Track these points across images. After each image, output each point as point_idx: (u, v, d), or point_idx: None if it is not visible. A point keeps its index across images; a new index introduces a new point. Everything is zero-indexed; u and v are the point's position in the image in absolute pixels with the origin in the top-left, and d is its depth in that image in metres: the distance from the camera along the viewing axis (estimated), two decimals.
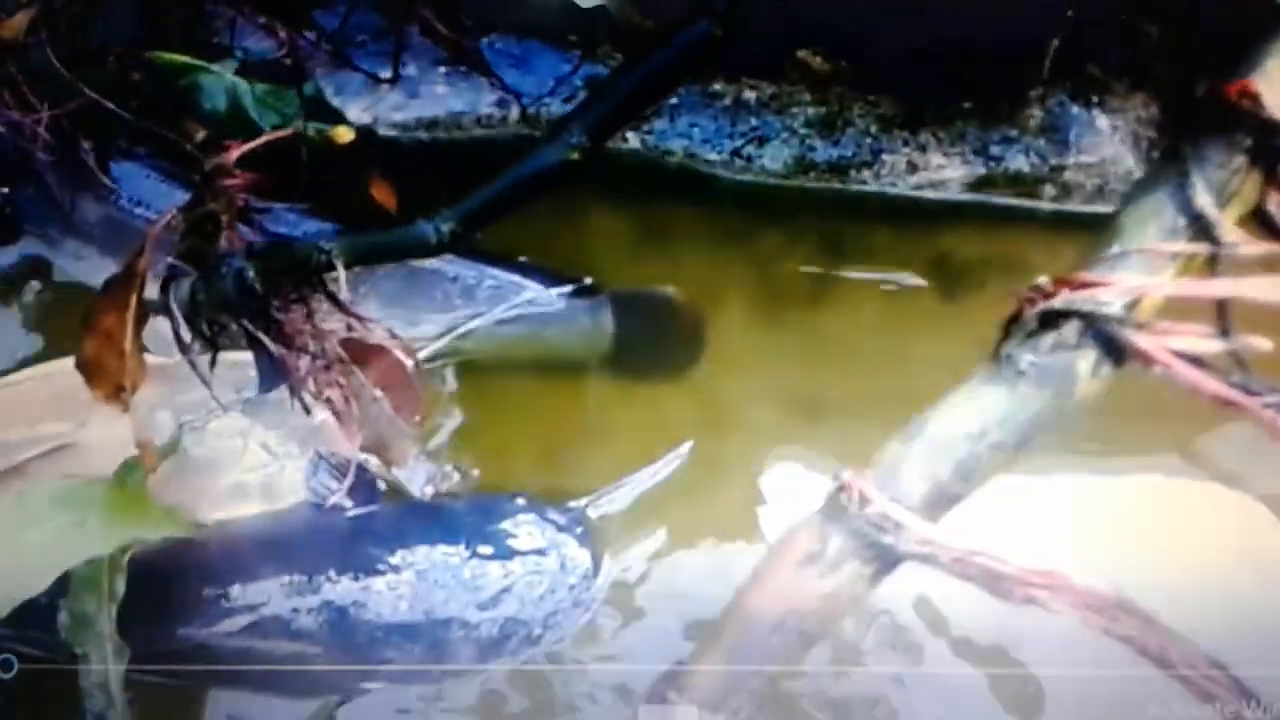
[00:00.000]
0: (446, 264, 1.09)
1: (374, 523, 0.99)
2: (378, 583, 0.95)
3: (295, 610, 0.94)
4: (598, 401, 1.07)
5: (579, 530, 0.98)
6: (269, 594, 0.95)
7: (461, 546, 0.97)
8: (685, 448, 1.02)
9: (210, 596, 0.95)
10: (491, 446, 1.04)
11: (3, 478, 1.00)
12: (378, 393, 0.96)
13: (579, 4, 1.00)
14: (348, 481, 1.00)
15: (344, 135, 1.09)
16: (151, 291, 0.92)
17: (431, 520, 0.99)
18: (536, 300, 1.09)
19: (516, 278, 1.10)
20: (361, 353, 0.97)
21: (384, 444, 0.96)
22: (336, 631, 0.94)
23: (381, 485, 1.03)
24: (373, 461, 1.04)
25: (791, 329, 1.07)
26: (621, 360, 1.08)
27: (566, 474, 1.03)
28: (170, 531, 0.91)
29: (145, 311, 0.94)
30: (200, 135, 1.15)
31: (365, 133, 1.10)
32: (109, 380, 0.92)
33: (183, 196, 1.07)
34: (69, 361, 1.05)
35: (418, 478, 0.98)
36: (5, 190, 1.17)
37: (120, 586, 0.89)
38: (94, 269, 1.13)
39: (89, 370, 0.91)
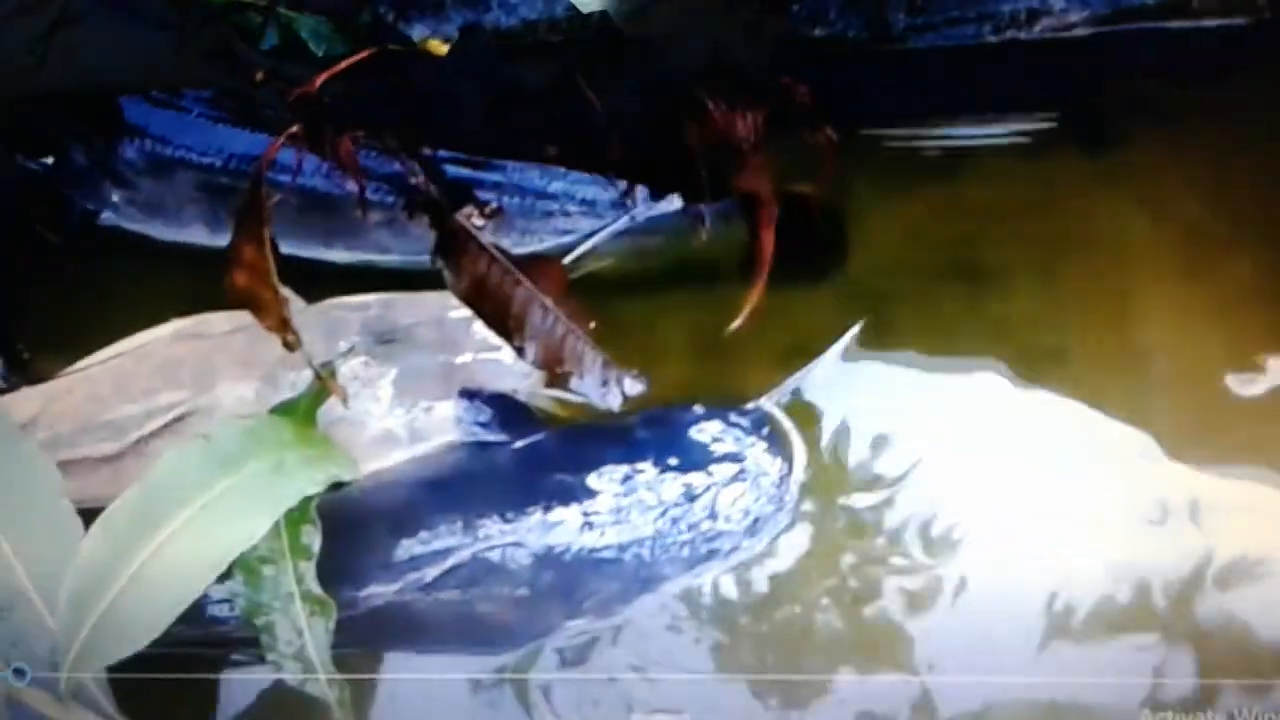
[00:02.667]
0: (572, 182, 0.99)
1: (546, 451, 0.89)
2: (569, 512, 0.85)
3: (487, 553, 0.84)
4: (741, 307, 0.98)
5: (765, 430, 0.89)
6: (455, 540, 0.84)
7: (649, 462, 0.87)
8: (855, 329, 0.93)
9: (390, 550, 0.84)
10: (644, 358, 0.94)
11: (127, 455, 0.88)
12: (548, 300, 0.86)
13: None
14: (493, 415, 0.91)
15: (438, 48, 0.98)
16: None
17: (609, 440, 0.88)
18: (673, 209, 0.99)
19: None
20: (522, 266, 0.87)
21: (561, 355, 0.86)
22: (534, 569, 0.84)
23: (536, 412, 0.93)
24: (522, 390, 0.94)
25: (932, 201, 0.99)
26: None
27: (727, 380, 0.94)
28: (355, 474, 0.81)
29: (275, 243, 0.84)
30: (260, 75, 1.04)
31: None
32: (272, 312, 0.80)
33: (235, 135, 0.99)
34: (166, 329, 0.94)
35: (602, 387, 0.87)
36: (49, 161, 1.03)
37: (313, 539, 0.78)
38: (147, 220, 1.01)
39: (247, 302, 0.80)
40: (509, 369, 0.93)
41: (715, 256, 0.98)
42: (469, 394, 0.92)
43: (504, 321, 0.86)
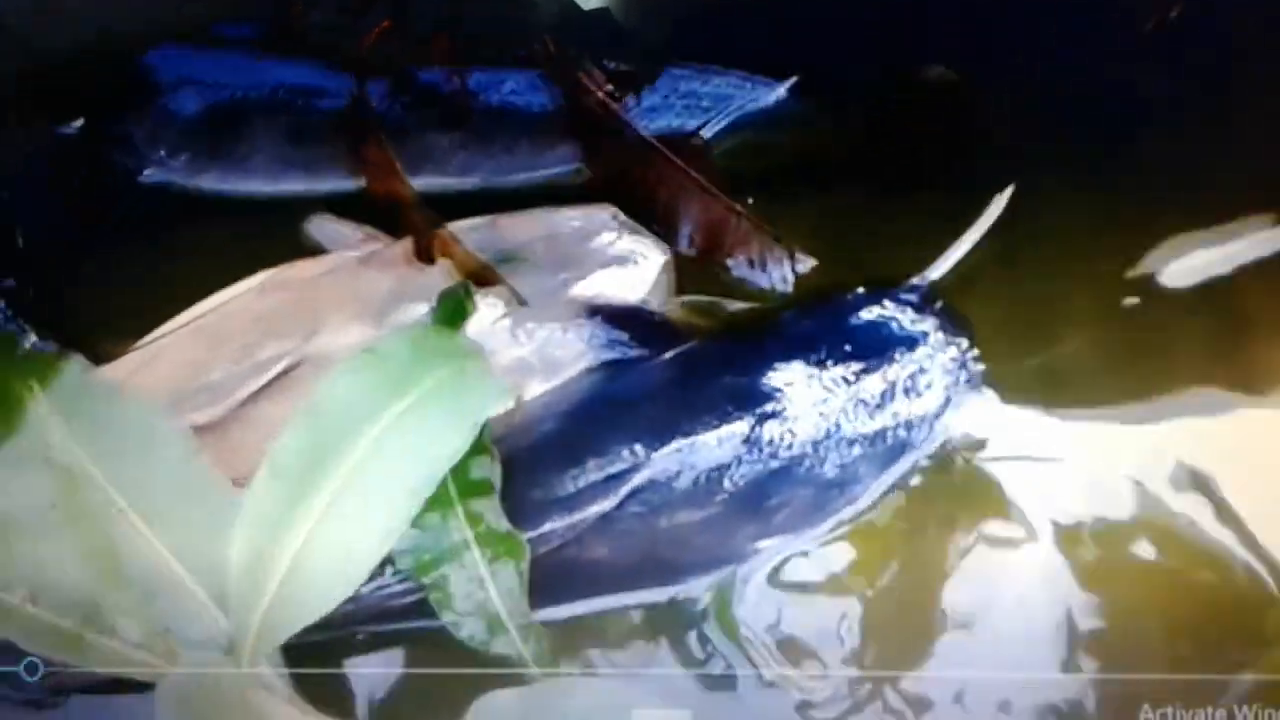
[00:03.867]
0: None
1: (704, 359, 0.78)
2: (746, 419, 0.75)
3: (665, 474, 0.73)
4: (856, 200, 0.87)
5: (937, 305, 0.79)
6: (629, 462, 0.73)
7: (821, 354, 0.77)
8: (1005, 195, 0.83)
9: (557, 484, 0.73)
10: None
11: (231, 420, 0.76)
12: (703, 179, 0.75)
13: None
14: (629, 330, 0.80)
15: None
16: None
17: (770, 338, 0.78)
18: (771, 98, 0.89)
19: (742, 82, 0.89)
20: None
21: (723, 237, 0.75)
22: (716, 485, 0.73)
23: (675, 322, 0.82)
24: (654, 301, 0.83)
25: None
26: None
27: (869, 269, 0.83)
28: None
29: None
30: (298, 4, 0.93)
31: None
32: (409, 201, 0.69)
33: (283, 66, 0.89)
34: (250, 282, 0.83)
35: (770, 268, 0.77)
36: (79, 123, 0.90)
37: (489, 470, 0.67)
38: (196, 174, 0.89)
39: (389, 201, 0.69)
40: (635, 280, 0.83)
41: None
42: (598, 311, 0.82)
43: (652, 207, 0.75)
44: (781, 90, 0.89)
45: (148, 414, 0.68)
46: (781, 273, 0.77)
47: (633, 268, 0.83)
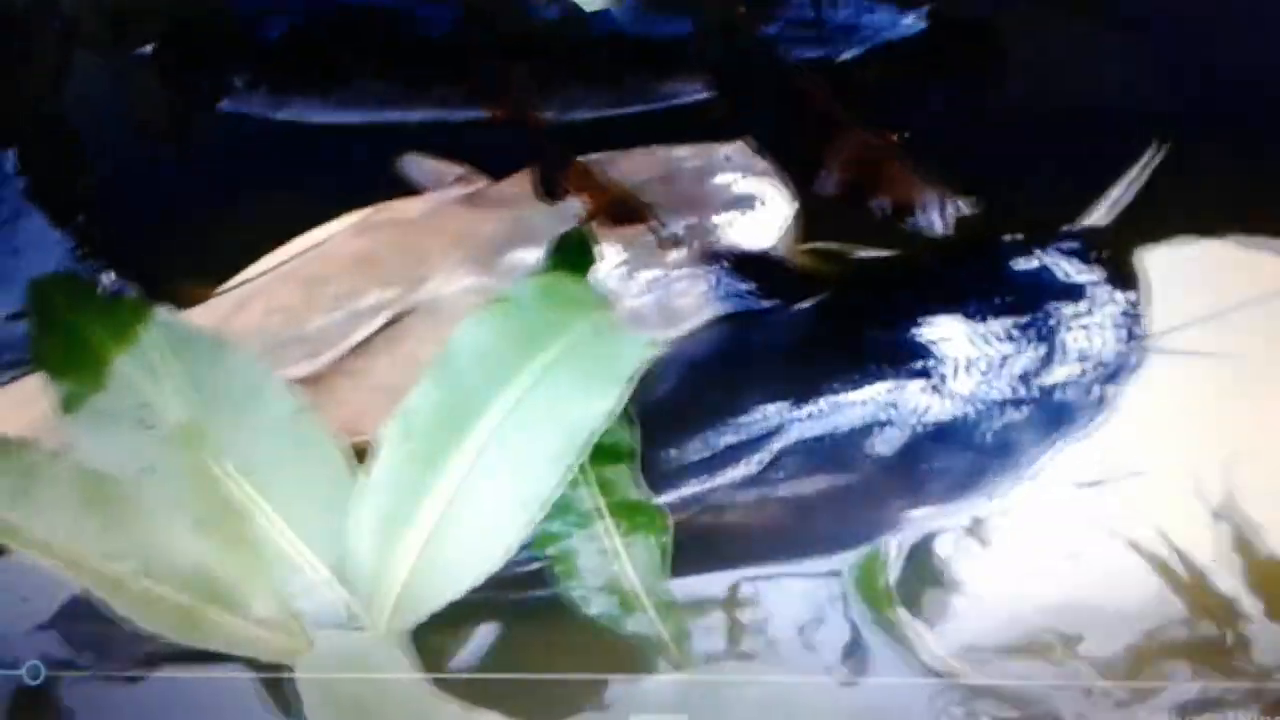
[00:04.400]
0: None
1: (844, 310, 0.71)
2: (888, 383, 0.68)
3: (810, 435, 0.66)
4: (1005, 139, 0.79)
5: (1103, 253, 0.72)
6: (772, 421, 0.66)
7: (976, 306, 0.69)
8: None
9: (691, 447, 0.66)
10: None
11: (330, 375, 0.69)
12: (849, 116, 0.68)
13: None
14: (755, 279, 0.73)
15: None
16: None
17: (917, 286, 0.71)
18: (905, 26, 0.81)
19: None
20: None
21: (878, 178, 0.68)
22: (864, 448, 0.66)
23: (804, 270, 0.75)
24: (781, 246, 0.76)
25: None
26: None
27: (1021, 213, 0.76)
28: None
29: None
30: None
31: None
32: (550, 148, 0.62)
33: None
34: (345, 222, 0.76)
35: (930, 211, 0.70)
36: (149, 48, 0.83)
37: (622, 435, 0.61)
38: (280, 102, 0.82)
39: (516, 126, 0.62)
40: (759, 224, 0.76)
41: None
42: (721, 258, 0.74)
43: (789, 142, 0.68)
44: (914, 19, 0.81)
45: (251, 365, 0.61)
46: (939, 216, 0.69)
47: (757, 211, 0.76)
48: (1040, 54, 0.80)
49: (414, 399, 0.58)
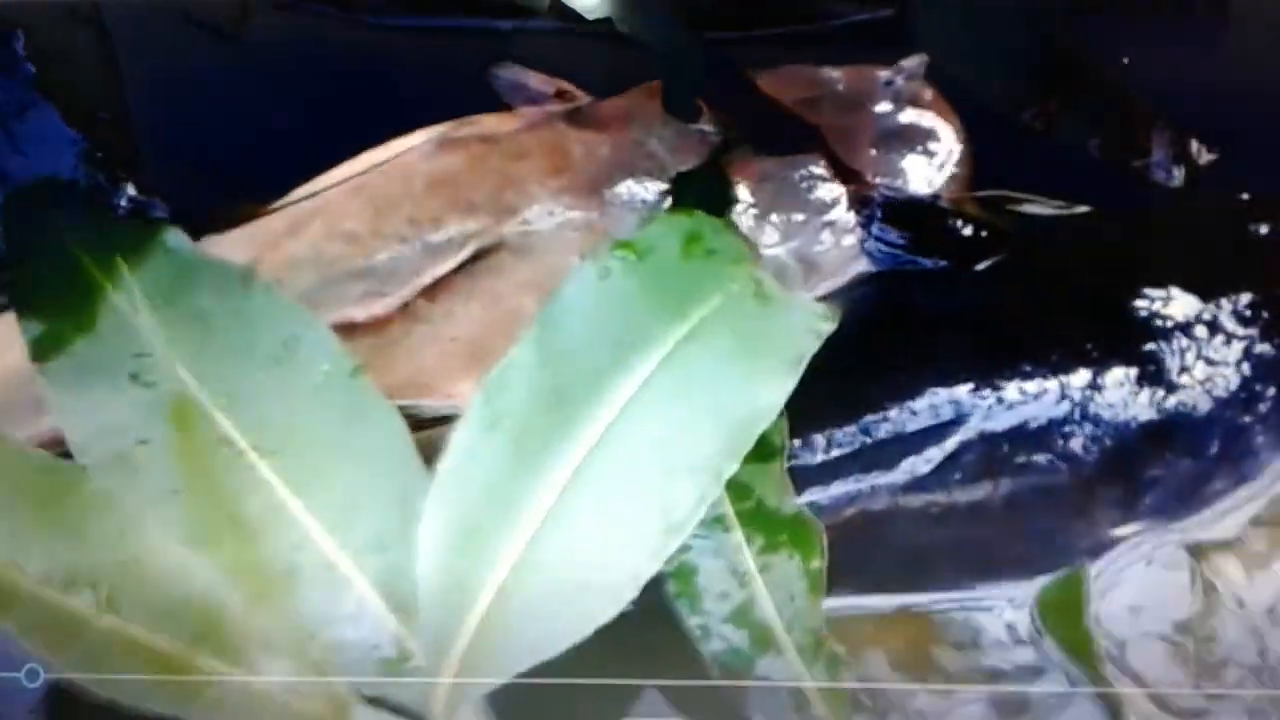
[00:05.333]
0: None
1: (1035, 277, 0.56)
2: (1095, 369, 0.53)
3: (993, 432, 0.52)
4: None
5: None
6: (950, 411, 0.52)
7: (1206, 278, 0.55)
8: None
9: (845, 436, 0.52)
10: None
11: (400, 319, 0.56)
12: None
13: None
14: (917, 230, 0.58)
15: None
16: None
17: (1136, 245, 0.56)
18: None
19: None
20: None
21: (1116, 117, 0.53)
22: (1066, 448, 0.52)
23: (976, 222, 0.60)
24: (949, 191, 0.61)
25: None
26: None
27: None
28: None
29: None
30: None
31: None
32: None
33: None
34: (422, 135, 0.62)
35: (1163, 158, 0.55)
36: None
37: (777, 427, 0.46)
38: None
39: None
40: (923, 165, 0.61)
41: None
42: (875, 202, 0.60)
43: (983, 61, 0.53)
44: None
45: (287, 311, 0.47)
46: (1172, 162, 0.54)
47: (922, 148, 0.62)
48: None
49: (506, 370, 0.44)
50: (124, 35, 0.67)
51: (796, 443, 0.50)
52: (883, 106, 0.63)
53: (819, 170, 0.60)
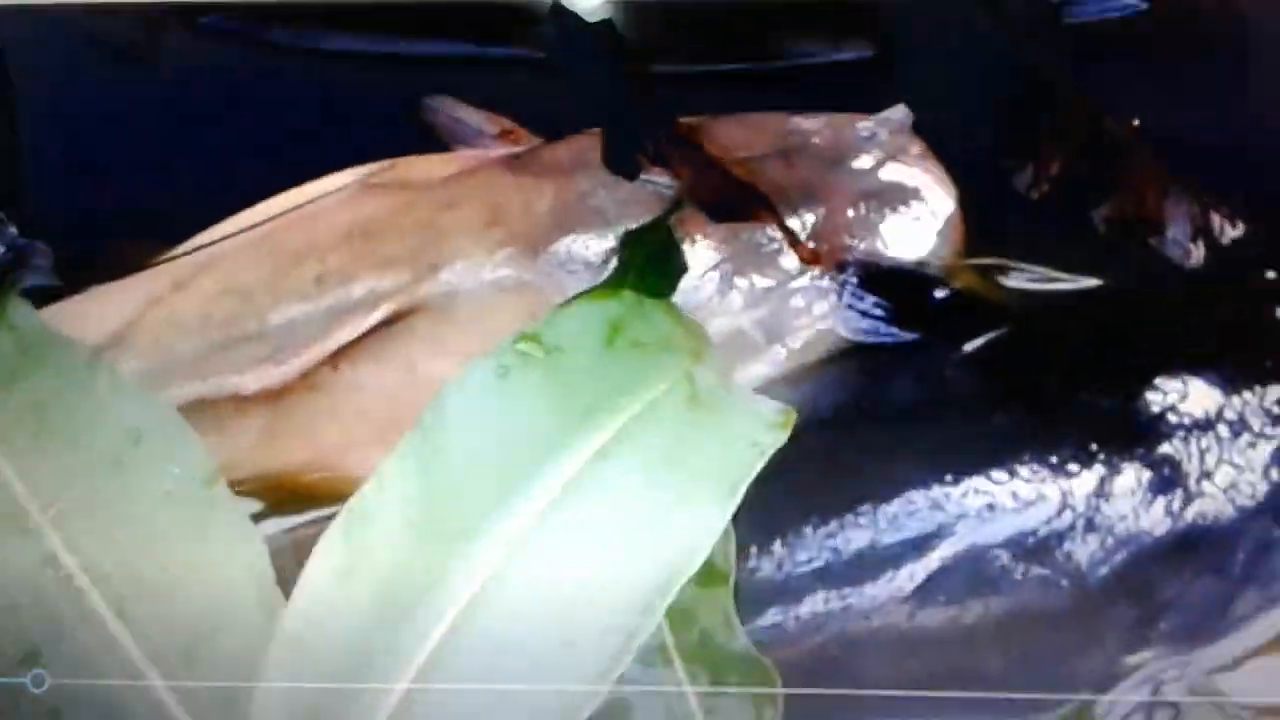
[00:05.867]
0: None
1: (1032, 359, 0.49)
2: (1103, 471, 0.46)
3: (982, 545, 0.44)
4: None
5: None
6: (926, 524, 0.44)
7: (1232, 371, 0.47)
8: None
9: (810, 543, 0.44)
10: None
11: (301, 389, 0.48)
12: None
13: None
14: (899, 299, 0.51)
15: None
16: None
17: (1150, 328, 0.49)
18: None
19: None
20: None
21: (1129, 186, 0.46)
22: (1064, 566, 0.45)
23: (967, 293, 0.53)
24: (941, 255, 0.54)
25: None
26: None
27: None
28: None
29: None
30: None
31: None
32: None
33: None
34: (341, 179, 0.54)
35: (1183, 233, 0.48)
36: None
37: (723, 548, 0.38)
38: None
39: None
40: (908, 227, 0.54)
41: None
42: (853, 267, 0.53)
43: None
44: None
45: (134, 400, 0.39)
46: (1190, 239, 0.47)
47: (907, 209, 0.54)
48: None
49: (371, 496, 0.36)
50: (17, 57, 0.60)
51: (753, 551, 0.43)
52: (863, 161, 0.56)
53: (793, 232, 0.53)
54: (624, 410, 0.38)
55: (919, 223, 0.54)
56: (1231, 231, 0.47)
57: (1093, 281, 0.52)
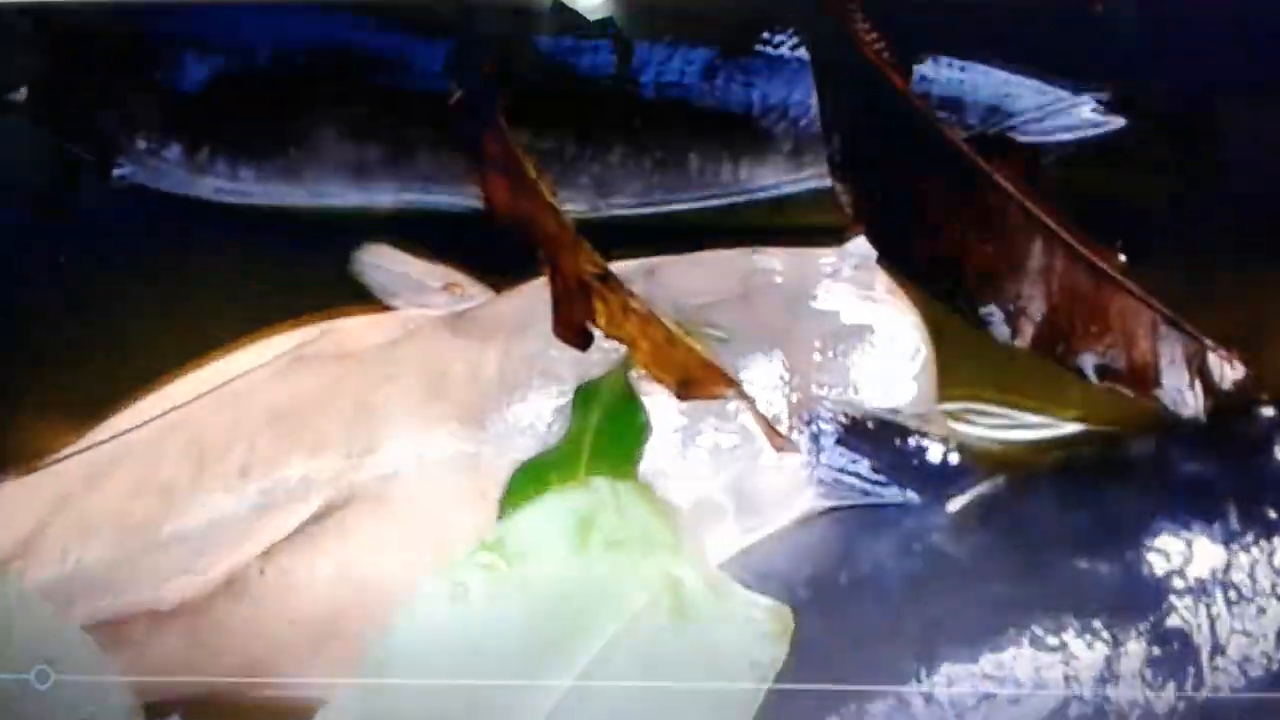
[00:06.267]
0: None
1: (1022, 516, 0.45)
2: (1110, 636, 0.42)
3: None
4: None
5: None
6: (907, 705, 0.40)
7: (1232, 516, 0.44)
8: None
9: None
10: None
11: (224, 599, 0.43)
12: (1052, 223, 0.43)
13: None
14: (886, 455, 0.48)
15: None
16: None
17: (1146, 478, 0.46)
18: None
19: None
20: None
21: (1106, 325, 0.43)
22: None
23: (952, 445, 0.49)
24: (915, 403, 0.50)
25: None
26: None
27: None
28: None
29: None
30: None
31: None
32: (569, 260, 0.38)
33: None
34: (272, 347, 0.51)
35: (1182, 380, 0.44)
36: (19, 95, 0.58)
37: None
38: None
39: (520, 225, 0.37)
40: (881, 372, 0.51)
41: None
42: (825, 420, 0.49)
43: (963, 266, 0.43)
44: (1089, 104, 0.56)
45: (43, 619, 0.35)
46: (1194, 393, 0.44)
47: (875, 350, 0.51)
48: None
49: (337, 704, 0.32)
50: None
51: None
52: (827, 300, 0.52)
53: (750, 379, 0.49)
54: (602, 630, 0.34)
55: (889, 366, 0.51)
56: (1231, 373, 0.43)
57: (1079, 426, 0.48)
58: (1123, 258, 0.44)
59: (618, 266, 0.49)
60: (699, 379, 0.42)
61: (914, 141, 0.43)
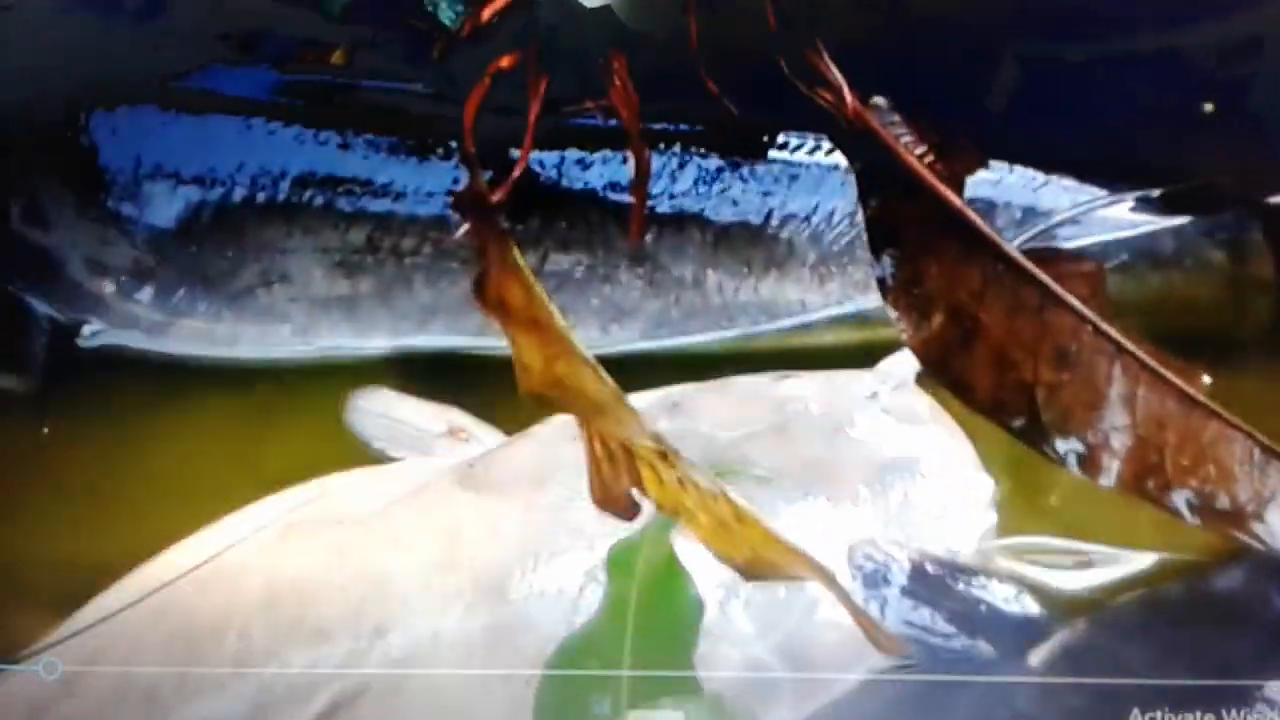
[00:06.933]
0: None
1: (1103, 660, 0.41)
2: None
3: None
4: None
5: None
6: None
7: None
8: None
9: None
10: None
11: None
12: (1132, 344, 0.39)
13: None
14: (952, 606, 0.44)
15: None
16: None
17: (1234, 615, 0.41)
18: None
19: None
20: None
21: (1206, 461, 0.38)
22: None
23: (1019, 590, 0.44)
24: (979, 546, 0.46)
25: None
26: None
27: None
28: None
29: None
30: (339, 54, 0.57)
31: None
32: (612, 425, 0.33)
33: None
34: (264, 512, 0.46)
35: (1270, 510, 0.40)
36: None
37: None
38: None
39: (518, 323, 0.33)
40: (939, 508, 0.46)
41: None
42: (875, 570, 0.45)
43: (1034, 397, 0.38)
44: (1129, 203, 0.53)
45: None
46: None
47: (929, 484, 0.47)
48: None
49: None
50: None
51: None
52: (868, 429, 0.48)
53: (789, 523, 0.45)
54: None
55: (943, 500, 0.46)
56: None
57: (1155, 557, 0.44)
58: (1207, 379, 0.39)
59: (638, 400, 0.45)
60: (771, 560, 0.37)
61: (970, 260, 0.39)
